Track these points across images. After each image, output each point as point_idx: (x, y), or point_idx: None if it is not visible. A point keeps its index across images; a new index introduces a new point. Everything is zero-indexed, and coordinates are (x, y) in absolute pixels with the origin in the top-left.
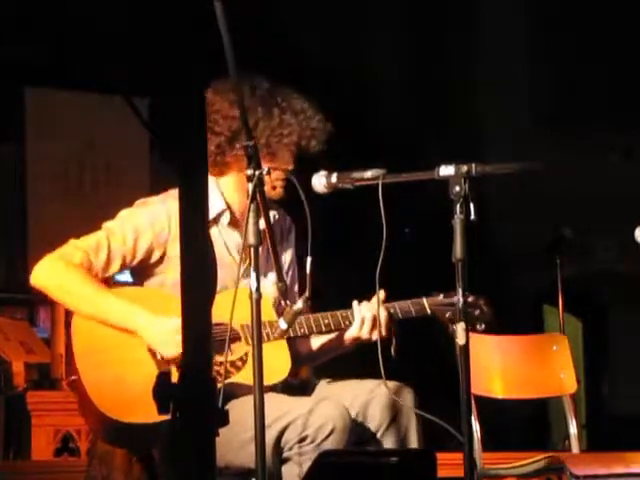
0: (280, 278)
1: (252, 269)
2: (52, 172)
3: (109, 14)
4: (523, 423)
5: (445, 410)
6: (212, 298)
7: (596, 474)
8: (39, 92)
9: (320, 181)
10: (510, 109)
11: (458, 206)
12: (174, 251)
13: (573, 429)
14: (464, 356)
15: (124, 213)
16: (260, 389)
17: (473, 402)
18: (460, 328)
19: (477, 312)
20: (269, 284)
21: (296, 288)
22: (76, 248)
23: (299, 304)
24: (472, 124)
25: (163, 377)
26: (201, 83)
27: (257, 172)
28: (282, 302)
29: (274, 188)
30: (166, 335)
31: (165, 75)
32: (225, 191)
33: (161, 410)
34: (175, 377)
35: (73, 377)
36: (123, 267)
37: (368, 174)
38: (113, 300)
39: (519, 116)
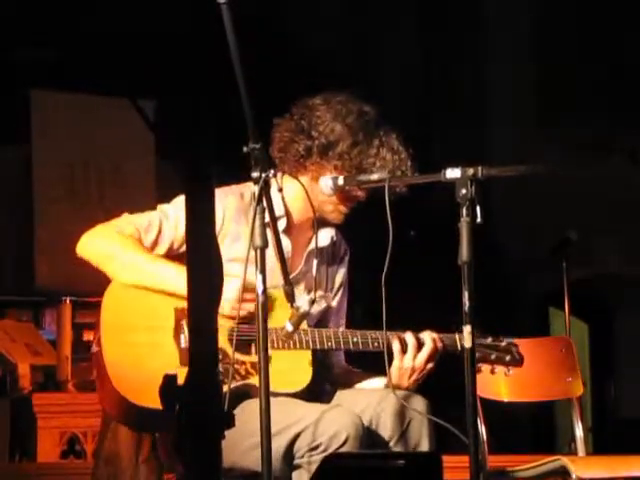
0: (286, 281)
1: (258, 271)
2: (58, 174)
3: (115, 16)
4: (529, 426)
5: (451, 413)
6: (218, 302)
7: (602, 477)
8: (45, 94)
9: (327, 183)
10: (515, 109)
11: (464, 209)
12: (222, 245)
13: (579, 432)
14: (470, 359)
15: (180, 199)
16: (266, 391)
17: (479, 405)
18: (466, 331)
19: (508, 357)
20: (306, 299)
21: (344, 311)
22: (128, 222)
23: (305, 307)
24: (477, 124)
25: (169, 379)
26: (206, 88)
27: (263, 174)
28: (290, 305)
29: (336, 211)
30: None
31: (171, 78)
32: (289, 196)
33: (166, 411)
34: (182, 379)
35: (96, 348)
36: (170, 252)
37: (374, 176)
38: (162, 263)
39: (524, 116)
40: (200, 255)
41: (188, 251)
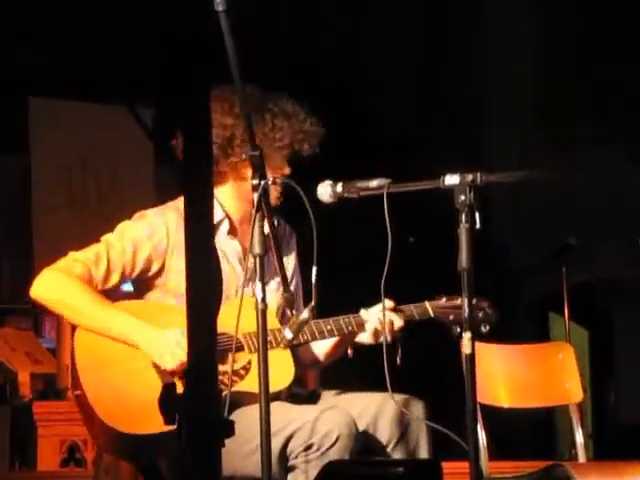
0: (286, 288)
1: (258, 279)
2: (56, 180)
3: (113, 19)
4: (529, 432)
5: (451, 419)
6: (217, 309)
7: None
8: (43, 101)
9: (325, 190)
10: (515, 109)
11: (463, 215)
12: (173, 262)
13: (579, 438)
14: (470, 365)
15: (122, 226)
16: (266, 400)
17: (479, 411)
18: (466, 338)
19: (480, 314)
20: (271, 291)
21: (300, 295)
22: (75, 260)
23: (305, 314)
24: (477, 124)
25: (168, 389)
26: (204, 90)
27: (262, 182)
28: (288, 312)
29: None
30: (164, 347)
31: (167, 81)
32: (223, 200)
33: (167, 421)
34: (180, 388)
35: (77, 392)
36: (122, 279)
37: (373, 184)
38: (113, 313)
39: (524, 116)
40: (199, 264)
41: (187, 254)
